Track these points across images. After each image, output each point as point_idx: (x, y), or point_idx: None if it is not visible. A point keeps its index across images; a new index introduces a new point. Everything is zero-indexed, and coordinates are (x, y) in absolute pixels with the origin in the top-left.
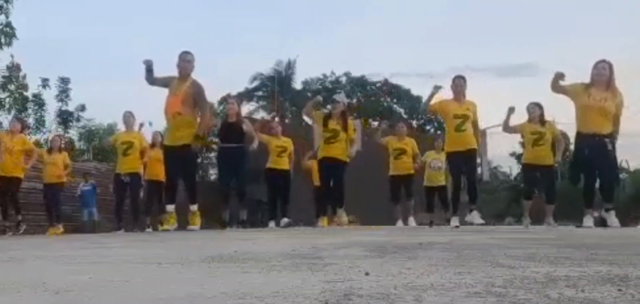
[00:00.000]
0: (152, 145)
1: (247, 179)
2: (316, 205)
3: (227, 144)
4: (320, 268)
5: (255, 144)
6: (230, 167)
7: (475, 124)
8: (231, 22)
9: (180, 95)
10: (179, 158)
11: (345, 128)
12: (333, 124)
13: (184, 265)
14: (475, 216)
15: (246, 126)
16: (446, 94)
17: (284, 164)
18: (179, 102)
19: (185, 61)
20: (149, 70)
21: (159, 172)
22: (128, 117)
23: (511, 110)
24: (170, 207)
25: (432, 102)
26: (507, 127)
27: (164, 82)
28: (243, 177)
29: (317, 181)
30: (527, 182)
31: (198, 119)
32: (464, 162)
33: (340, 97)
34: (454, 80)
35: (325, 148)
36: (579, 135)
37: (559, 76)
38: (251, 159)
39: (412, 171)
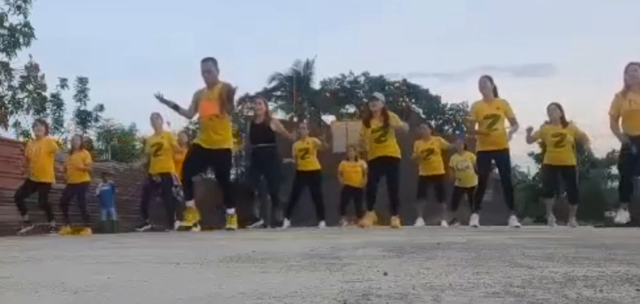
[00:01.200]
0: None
1: (279, 181)
2: (342, 203)
3: (256, 144)
4: (338, 268)
5: (292, 136)
6: (260, 167)
7: (512, 121)
8: (249, 21)
9: (215, 99)
10: (214, 161)
11: (388, 124)
12: (377, 123)
13: (202, 265)
14: (513, 221)
15: (274, 126)
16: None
17: (310, 164)
18: (216, 106)
19: (205, 72)
20: (174, 106)
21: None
22: (155, 119)
23: (529, 130)
24: (190, 203)
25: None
26: (529, 140)
27: (195, 102)
28: (274, 179)
29: (347, 181)
30: (547, 181)
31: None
32: (496, 162)
33: (379, 95)
34: (479, 81)
35: (377, 147)
36: (625, 136)
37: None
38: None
39: (443, 171)
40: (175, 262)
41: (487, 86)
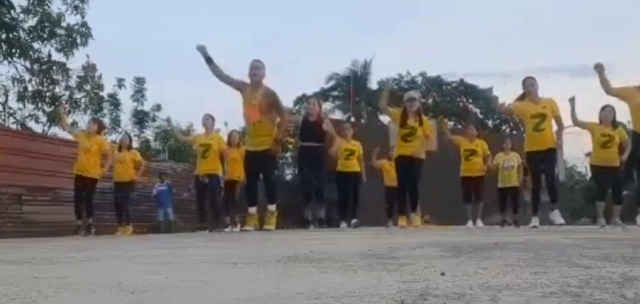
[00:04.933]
0: (229, 144)
1: (326, 179)
2: (387, 205)
3: (306, 143)
4: (395, 268)
5: (336, 146)
6: (311, 166)
7: (558, 120)
8: (307, 22)
9: (257, 105)
10: (260, 161)
11: (420, 124)
12: (411, 122)
13: (259, 265)
14: (556, 216)
15: (326, 126)
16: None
17: (353, 166)
18: (258, 112)
19: (254, 68)
20: (208, 59)
21: (236, 172)
22: (207, 120)
23: (572, 100)
24: (252, 210)
25: (514, 104)
26: (576, 121)
27: (236, 85)
28: (322, 177)
29: (388, 181)
30: (599, 183)
31: (277, 122)
32: (542, 160)
33: (415, 93)
34: (524, 82)
35: (401, 146)
36: (635, 134)
37: (600, 69)
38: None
39: (483, 173)
40: (233, 262)
41: (534, 86)
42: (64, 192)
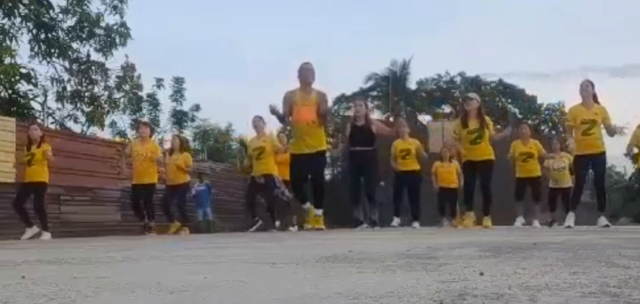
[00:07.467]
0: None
1: (376, 182)
2: (440, 205)
3: (356, 147)
4: (434, 267)
5: (393, 131)
6: (360, 170)
7: (609, 128)
8: (346, 21)
9: (312, 106)
10: (309, 164)
11: (483, 125)
12: (474, 124)
13: (298, 265)
14: (602, 220)
15: (375, 128)
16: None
17: (410, 165)
18: (313, 112)
19: (306, 70)
20: (281, 117)
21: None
22: (257, 122)
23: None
24: (307, 206)
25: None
26: (629, 151)
27: (291, 105)
28: (372, 179)
29: (441, 182)
30: None
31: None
32: (592, 165)
33: (474, 95)
34: (581, 84)
35: (471, 150)
36: None
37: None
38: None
39: (539, 173)
40: (272, 262)
41: (588, 91)
42: (103, 193)
